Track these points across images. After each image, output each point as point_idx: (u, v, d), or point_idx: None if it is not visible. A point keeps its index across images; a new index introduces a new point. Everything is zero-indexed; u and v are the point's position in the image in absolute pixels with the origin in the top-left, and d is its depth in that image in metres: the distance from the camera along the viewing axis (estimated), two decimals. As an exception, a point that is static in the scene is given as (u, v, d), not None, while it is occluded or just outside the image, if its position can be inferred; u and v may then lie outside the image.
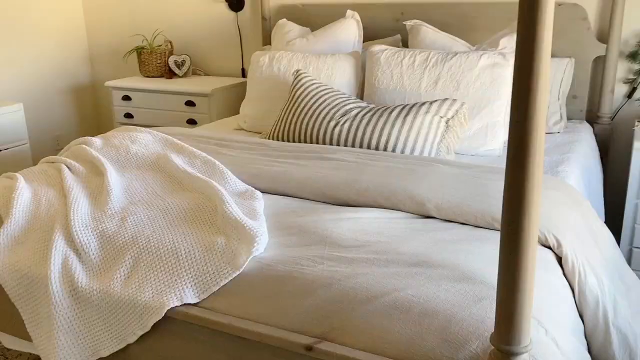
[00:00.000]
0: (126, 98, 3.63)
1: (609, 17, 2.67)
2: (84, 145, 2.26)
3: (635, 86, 2.75)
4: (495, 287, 1.08)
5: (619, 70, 2.74)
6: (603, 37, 2.73)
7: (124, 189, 1.94)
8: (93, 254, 1.61)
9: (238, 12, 3.62)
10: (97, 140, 2.31)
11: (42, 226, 1.75)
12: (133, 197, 1.88)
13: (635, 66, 2.72)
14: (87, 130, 4.24)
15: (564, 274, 1.52)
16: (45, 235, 1.70)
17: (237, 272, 1.47)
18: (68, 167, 2.12)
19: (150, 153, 2.19)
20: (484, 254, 1.47)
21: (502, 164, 2.19)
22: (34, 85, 3.90)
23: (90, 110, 4.32)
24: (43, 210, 1.83)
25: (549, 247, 1.56)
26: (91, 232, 1.67)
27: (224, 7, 3.65)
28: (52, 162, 2.21)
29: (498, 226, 1.58)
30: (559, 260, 1.55)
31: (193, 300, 1.45)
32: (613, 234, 1.90)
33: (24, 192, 1.91)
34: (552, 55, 2.67)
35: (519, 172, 0.98)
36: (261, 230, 1.57)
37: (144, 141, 2.28)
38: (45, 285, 1.56)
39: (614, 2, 2.61)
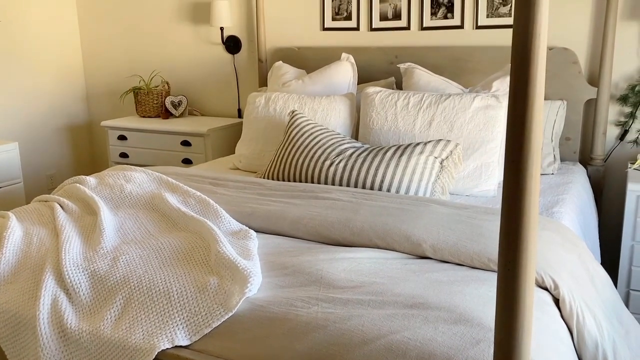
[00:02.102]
0: (122, 138, 3.64)
1: (599, 61, 2.73)
2: (77, 184, 2.26)
3: (627, 128, 2.78)
4: (493, 330, 1.06)
5: (611, 112, 2.78)
6: (594, 80, 2.78)
7: (116, 228, 1.92)
8: (84, 294, 1.58)
9: (235, 55, 3.68)
10: (91, 179, 2.31)
11: (32, 266, 1.73)
12: (126, 237, 1.86)
13: (626, 109, 2.77)
14: (81, 169, 4.25)
15: (562, 316, 1.50)
16: (35, 275, 1.68)
17: (230, 314, 1.44)
18: (61, 206, 2.10)
19: (145, 192, 2.18)
20: (480, 295, 1.46)
21: (497, 205, 2.20)
22: (30, 124, 3.92)
23: (85, 150, 4.33)
24: (34, 249, 1.81)
25: (546, 289, 1.54)
26: (82, 272, 1.64)
27: (221, 50, 3.71)
28: (45, 201, 2.19)
29: (494, 267, 1.57)
30: (556, 302, 1.53)
31: (184, 342, 1.42)
32: (609, 276, 1.88)
33: (16, 231, 1.89)
34: (545, 98, 2.71)
35: (514, 213, 0.97)
36: (255, 271, 1.55)
37: (139, 180, 2.28)
38: (33, 327, 1.53)
39: (603, 46, 2.67)
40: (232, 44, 3.66)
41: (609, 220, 2.85)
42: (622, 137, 2.81)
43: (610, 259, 2.67)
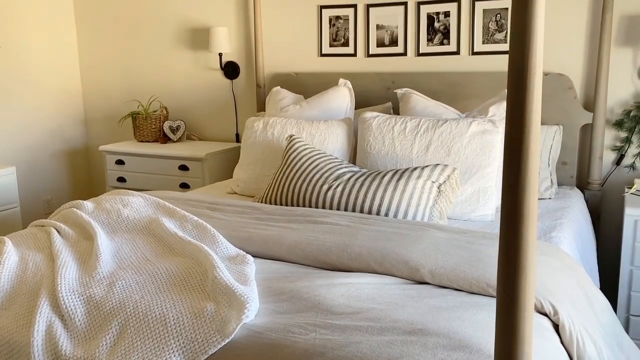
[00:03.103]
0: (119, 162, 3.64)
1: (594, 87, 2.75)
2: (74, 209, 2.25)
3: (623, 153, 2.79)
4: (492, 356, 1.05)
5: (607, 137, 2.80)
6: (589, 105, 2.80)
7: (113, 253, 1.91)
8: (79, 320, 1.56)
9: (233, 80, 3.71)
10: (88, 204, 2.30)
11: (27, 291, 1.71)
12: (122, 262, 1.85)
13: (622, 134, 2.78)
14: (79, 194, 4.24)
15: (562, 342, 1.49)
16: (30, 300, 1.66)
17: (227, 340, 1.42)
18: (58, 231, 2.09)
19: (142, 217, 2.17)
20: (479, 321, 1.44)
21: (495, 230, 2.19)
22: (28, 148, 3.92)
23: (83, 174, 4.33)
24: (29, 274, 1.79)
25: (545, 315, 1.53)
26: (78, 297, 1.63)
27: (219, 75, 3.74)
28: (42, 226, 2.18)
29: (493, 292, 1.56)
30: (556, 327, 1.52)
31: (180, 369, 1.40)
32: (608, 301, 1.87)
33: (11, 256, 1.88)
34: (541, 123, 2.72)
35: (513, 237, 0.97)
36: (252, 296, 1.54)
37: (136, 205, 2.27)
38: (27, 354, 1.50)
39: (598, 72, 2.70)
40: (230, 70, 3.69)
41: (607, 245, 2.84)
42: (618, 161, 2.82)
43: (609, 284, 2.65)
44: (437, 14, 3.08)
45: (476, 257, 1.72)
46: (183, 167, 3.45)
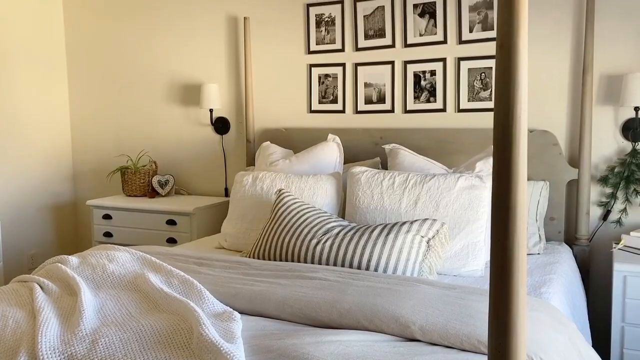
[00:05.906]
0: (107, 217, 3.61)
1: (578, 144, 2.80)
2: (59, 264, 2.21)
3: (609, 209, 2.82)
4: (486, 417, 1.02)
5: (593, 193, 2.83)
6: (574, 161, 2.85)
7: (97, 309, 1.87)
8: (58, 380, 1.51)
9: (223, 135, 3.74)
10: (73, 259, 2.26)
11: (6, 350, 1.65)
12: (106, 318, 1.81)
13: (607, 189, 2.82)
14: (64, 249, 4.17)
15: (556, 402, 1.46)
16: (8, 359, 1.60)
17: (212, 401, 1.37)
18: (40, 286, 2.05)
19: (128, 272, 2.14)
20: (471, 380, 1.41)
21: (485, 285, 2.17)
22: (15, 202, 3.89)
23: (69, 229, 4.28)
24: (9, 332, 1.74)
25: (538, 373, 1.50)
26: (58, 356, 1.57)
27: (209, 130, 3.78)
28: (25, 281, 2.14)
29: (484, 349, 1.53)
30: (550, 386, 1.48)
31: None
32: (601, 359, 1.84)
33: (-9, 312, 1.83)
34: (528, 179, 2.76)
35: (503, 293, 0.96)
36: (238, 355, 1.50)
37: (122, 260, 2.24)
38: (2, 416, 1.44)
39: (581, 129, 2.76)
40: (220, 125, 3.73)
41: (597, 301, 2.83)
42: (605, 217, 2.84)
43: (600, 341, 2.62)
44: (424, 72, 3.17)
45: (467, 313, 1.70)
46: (171, 222, 3.42)
